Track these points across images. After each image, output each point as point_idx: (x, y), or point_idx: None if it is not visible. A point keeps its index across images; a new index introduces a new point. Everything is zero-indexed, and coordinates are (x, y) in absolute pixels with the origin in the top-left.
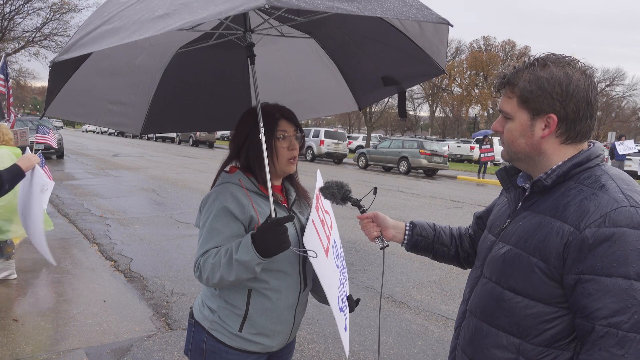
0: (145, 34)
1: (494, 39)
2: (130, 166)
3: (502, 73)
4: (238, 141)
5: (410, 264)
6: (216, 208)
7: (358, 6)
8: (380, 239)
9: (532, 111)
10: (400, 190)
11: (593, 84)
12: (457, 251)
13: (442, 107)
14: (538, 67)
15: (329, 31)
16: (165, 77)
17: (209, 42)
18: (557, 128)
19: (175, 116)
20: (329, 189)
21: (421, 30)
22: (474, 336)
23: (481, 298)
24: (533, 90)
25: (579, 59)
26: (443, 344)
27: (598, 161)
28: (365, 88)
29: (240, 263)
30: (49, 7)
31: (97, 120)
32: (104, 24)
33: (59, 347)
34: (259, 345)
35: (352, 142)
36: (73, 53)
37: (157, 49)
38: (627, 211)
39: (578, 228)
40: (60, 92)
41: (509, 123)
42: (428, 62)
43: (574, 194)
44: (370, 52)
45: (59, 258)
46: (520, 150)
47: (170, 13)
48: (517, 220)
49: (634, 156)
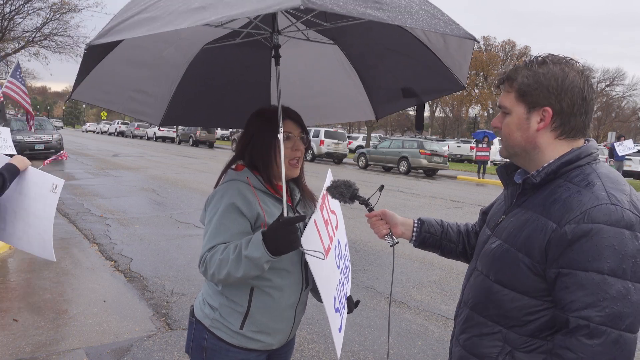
0: (181, 25)
1: (494, 39)
2: (130, 166)
3: (504, 70)
4: (245, 140)
5: (410, 264)
6: (224, 204)
7: (389, 15)
8: (390, 237)
9: (529, 104)
10: (400, 190)
11: (589, 83)
12: (465, 247)
13: (442, 107)
14: (537, 64)
15: (353, 39)
16: (189, 71)
17: (235, 40)
18: (552, 121)
19: (195, 110)
20: (337, 188)
21: (445, 45)
22: (465, 325)
23: (473, 289)
24: (530, 84)
25: (578, 59)
26: (443, 344)
27: (589, 159)
28: (384, 98)
29: (250, 260)
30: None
31: (119, 106)
32: (141, 13)
33: (59, 347)
34: (260, 343)
35: (352, 142)
36: (110, 38)
37: (184, 42)
38: (606, 208)
39: (560, 224)
40: (87, 77)
41: (507, 118)
42: (449, 77)
43: (560, 191)
44: (392, 63)
45: (59, 258)
46: (517, 144)
47: (206, 6)
48: (510, 217)
49: (634, 156)
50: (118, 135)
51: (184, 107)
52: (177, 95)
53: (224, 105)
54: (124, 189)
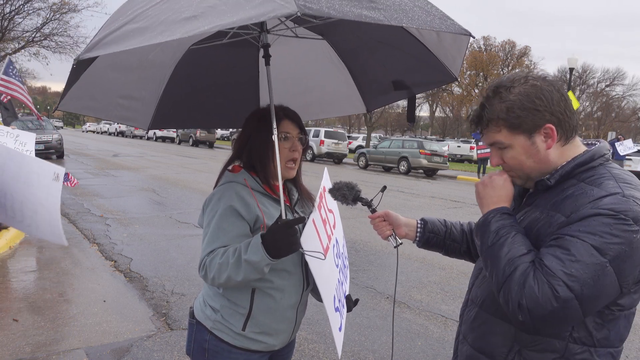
0: (173, 36)
1: (494, 39)
2: (130, 166)
3: (475, 115)
4: (242, 140)
5: (410, 264)
6: (222, 207)
7: (385, 15)
8: (394, 238)
9: (527, 131)
10: (400, 190)
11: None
12: (468, 246)
13: (442, 107)
14: (505, 94)
15: (342, 33)
16: (176, 73)
17: (222, 40)
18: (557, 134)
19: (183, 112)
20: (339, 190)
21: (439, 39)
22: (474, 323)
23: (482, 288)
24: (518, 114)
25: (527, 71)
26: (443, 344)
27: (602, 160)
28: (375, 91)
29: (250, 263)
30: (49, 7)
31: (107, 114)
32: (129, 23)
33: (59, 347)
34: (262, 344)
35: (352, 142)
36: (98, 51)
37: (170, 44)
38: (615, 198)
39: (568, 217)
40: (74, 86)
41: (508, 151)
42: (441, 69)
43: (572, 190)
44: (383, 56)
45: (59, 258)
46: (532, 170)
47: (197, 15)
48: (520, 216)
49: (634, 156)
50: (118, 135)
51: (172, 109)
52: (165, 98)
53: (212, 106)
54: (124, 189)
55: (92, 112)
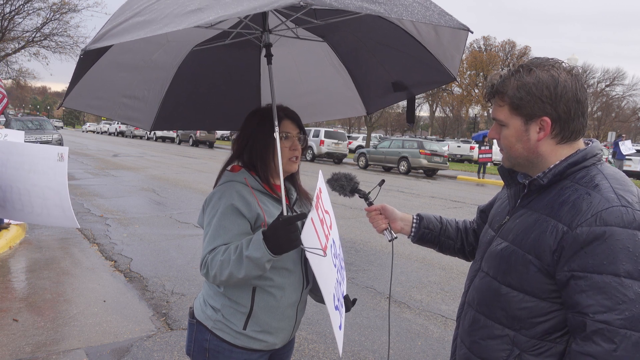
0: (179, 27)
1: (494, 39)
2: (130, 166)
3: (490, 82)
4: (242, 140)
5: (410, 264)
6: (223, 206)
7: (385, 8)
8: (389, 231)
9: (525, 116)
10: (400, 190)
11: (580, 82)
12: (463, 244)
13: (442, 107)
14: (524, 73)
15: (342, 36)
16: (179, 74)
17: (225, 41)
18: (551, 130)
19: (186, 113)
20: (337, 180)
21: (437, 37)
22: (471, 327)
23: (479, 291)
24: (522, 96)
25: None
26: (443, 344)
27: (594, 160)
28: (374, 93)
29: (251, 260)
30: (49, 7)
31: (111, 113)
32: (135, 16)
33: (59, 347)
34: (263, 343)
35: (352, 142)
36: (106, 42)
37: (174, 45)
38: (617, 211)
39: (570, 227)
40: (78, 83)
41: (504, 130)
42: (440, 70)
43: (568, 193)
44: (382, 57)
45: (59, 258)
46: (519, 155)
47: (202, 8)
48: (515, 218)
49: (634, 156)
50: (118, 135)
51: (174, 110)
52: (167, 99)
53: (214, 107)
54: (124, 189)
55: (96, 110)
